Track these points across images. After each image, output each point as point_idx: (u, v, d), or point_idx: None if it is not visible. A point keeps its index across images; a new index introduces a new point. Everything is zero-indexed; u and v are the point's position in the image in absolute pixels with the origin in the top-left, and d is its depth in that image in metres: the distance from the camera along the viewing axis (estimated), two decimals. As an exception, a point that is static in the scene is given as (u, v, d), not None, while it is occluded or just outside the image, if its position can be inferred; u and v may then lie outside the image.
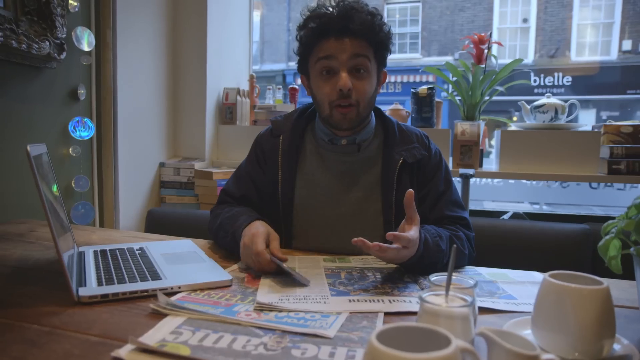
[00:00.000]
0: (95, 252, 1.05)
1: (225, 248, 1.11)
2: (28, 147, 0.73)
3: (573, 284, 0.59)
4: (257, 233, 0.95)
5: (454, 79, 2.00)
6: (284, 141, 1.18)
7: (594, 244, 1.50)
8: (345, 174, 1.16)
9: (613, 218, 0.73)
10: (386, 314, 0.75)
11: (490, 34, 2.00)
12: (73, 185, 1.71)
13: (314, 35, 1.08)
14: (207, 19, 2.21)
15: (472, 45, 2.02)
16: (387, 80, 1.22)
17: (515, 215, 2.08)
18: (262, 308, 0.75)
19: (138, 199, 2.06)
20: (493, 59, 2.02)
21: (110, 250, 1.07)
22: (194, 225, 1.75)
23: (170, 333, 0.65)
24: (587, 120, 9.08)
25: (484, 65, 1.98)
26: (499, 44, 2.08)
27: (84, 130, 1.72)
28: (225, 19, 2.39)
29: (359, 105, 1.09)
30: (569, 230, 1.51)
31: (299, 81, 1.22)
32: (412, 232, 0.89)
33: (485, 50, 1.99)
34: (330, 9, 1.07)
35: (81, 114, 1.73)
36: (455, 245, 0.64)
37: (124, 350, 0.59)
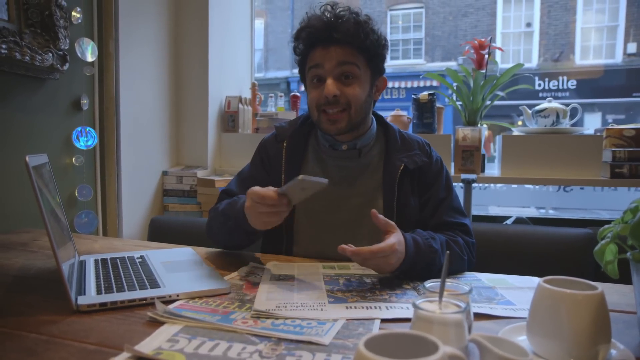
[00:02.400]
0: (96, 261, 1.06)
1: (226, 235, 1.10)
2: (27, 158, 0.74)
3: (567, 290, 0.59)
4: (250, 191, 0.95)
5: (455, 84, 2.01)
6: (287, 147, 1.20)
7: (597, 249, 1.49)
8: (346, 179, 1.17)
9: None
10: (383, 320, 0.75)
11: (491, 39, 2.01)
12: (76, 194, 1.73)
13: (304, 46, 1.13)
14: (209, 27, 2.24)
15: (472, 51, 2.03)
16: (391, 86, 1.23)
17: (519, 220, 2.07)
18: (259, 315, 0.75)
19: (141, 207, 2.07)
20: (495, 64, 2.02)
21: (110, 258, 1.08)
22: (196, 233, 1.75)
23: (167, 341, 0.65)
24: (592, 123, 9.02)
25: (484, 71, 1.98)
26: (500, 49, 2.08)
27: (87, 139, 1.74)
28: (227, 27, 2.42)
29: (350, 109, 1.09)
30: (572, 235, 1.50)
31: (302, 88, 1.24)
32: (392, 238, 0.92)
33: (486, 56, 1.99)
34: (319, 20, 1.09)
35: (84, 123, 1.75)
36: (448, 252, 0.64)
37: (120, 359, 0.60)
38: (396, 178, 1.13)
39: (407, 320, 0.75)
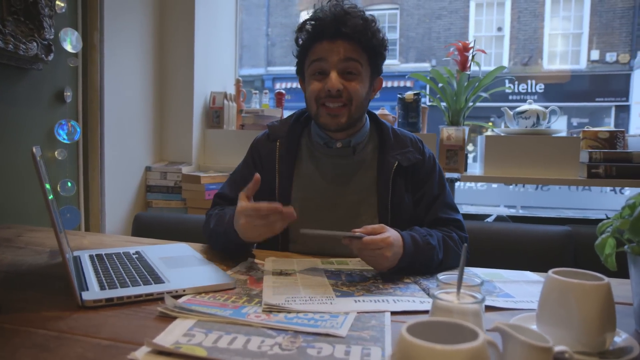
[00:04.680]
0: (91, 257, 1.04)
1: (222, 248, 1.12)
2: (33, 149, 0.72)
3: (576, 280, 0.62)
4: (240, 208, 0.96)
5: (440, 85, 2.05)
6: (280, 145, 1.19)
7: (575, 245, 1.56)
8: (340, 176, 1.17)
9: (594, 220, 0.77)
10: (392, 312, 0.76)
11: (475, 41, 2.06)
12: (59, 189, 1.68)
13: (309, 38, 1.12)
14: (195, 22, 2.21)
15: (456, 53, 2.08)
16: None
17: (499, 218, 2.13)
18: (270, 309, 0.75)
19: (124, 203, 2.02)
20: (475, 66, 2.08)
21: (106, 254, 1.06)
22: (181, 229, 1.73)
23: (183, 335, 0.65)
24: (558, 126, 9.36)
25: (468, 72, 2.03)
26: (483, 51, 2.14)
27: (70, 133, 1.69)
28: (212, 22, 2.39)
29: (351, 105, 1.10)
30: (552, 232, 1.56)
31: (277, 86, 1.24)
32: (386, 232, 0.94)
33: (470, 58, 2.04)
34: (327, 13, 1.09)
35: (67, 116, 1.70)
36: (465, 245, 0.66)
37: (140, 353, 0.59)
38: (390, 175, 1.14)
39: (416, 312, 0.77)
